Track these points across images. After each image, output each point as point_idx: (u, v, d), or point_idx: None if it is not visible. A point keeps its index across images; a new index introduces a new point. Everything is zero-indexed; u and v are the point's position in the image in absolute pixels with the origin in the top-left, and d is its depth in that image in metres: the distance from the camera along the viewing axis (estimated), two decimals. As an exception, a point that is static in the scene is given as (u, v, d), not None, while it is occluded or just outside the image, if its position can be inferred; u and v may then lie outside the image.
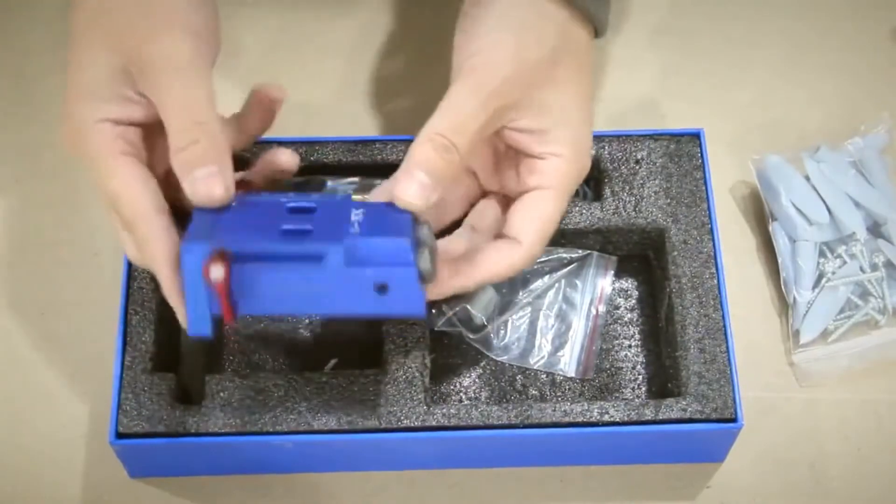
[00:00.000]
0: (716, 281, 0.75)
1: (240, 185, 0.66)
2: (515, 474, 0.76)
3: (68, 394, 0.78)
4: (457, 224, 0.72)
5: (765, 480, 0.77)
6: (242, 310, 0.63)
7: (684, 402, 0.71)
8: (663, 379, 0.77)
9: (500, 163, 0.72)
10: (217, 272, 0.61)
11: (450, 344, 0.78)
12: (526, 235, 0.69)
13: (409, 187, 0.64)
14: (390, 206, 0.65)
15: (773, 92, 0.89)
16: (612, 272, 0.80)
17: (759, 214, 0.84)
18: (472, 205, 0.73)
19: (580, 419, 0.71)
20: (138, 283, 0.74)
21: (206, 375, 0.72)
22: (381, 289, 0.62)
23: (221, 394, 0.71)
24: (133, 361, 0.72)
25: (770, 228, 0.82)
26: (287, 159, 0.70)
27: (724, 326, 0.74)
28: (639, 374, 0.78)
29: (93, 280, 0.81)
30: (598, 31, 0.71)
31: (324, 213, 0.64)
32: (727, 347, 0.73)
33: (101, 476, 0.76)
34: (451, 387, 0.78)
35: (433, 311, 0.77)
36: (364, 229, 0.63)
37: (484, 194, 0.73)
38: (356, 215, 0.64)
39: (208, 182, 0.62)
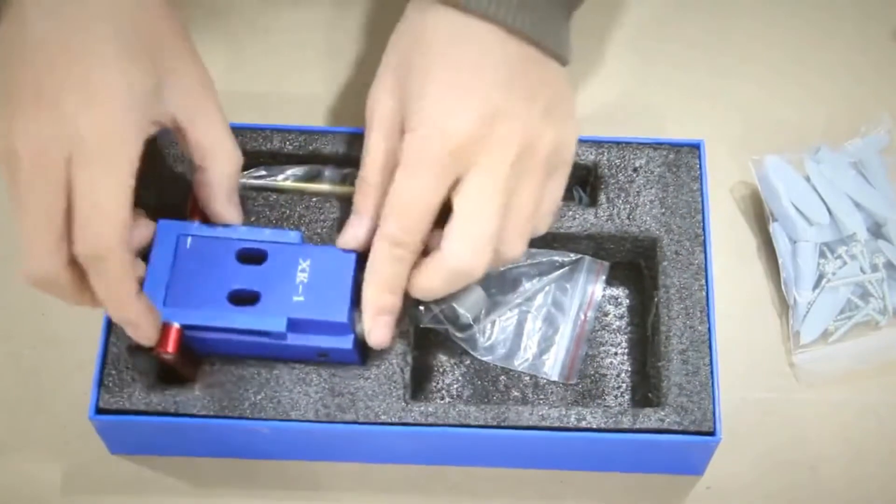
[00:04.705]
0: (704, 293, 0.75)
1: (195, 210, 0.72)
2: (515, 476, 0.76)
3: (68, 393, 0.77)
4: None
5: (765, 481, 0.77)
6: (199, 352, 0.72)
7: (662, 413, 0.71)
8: (646, 388, 0.77)
9: None
10: (167, 356, 0.69)
11: (435, 341, 0.78)
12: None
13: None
14: (335, 252, 0.71)
15: (773, 92, 0.89)
16: (604, 277, 0.80)
17: (760, 215, 0.84)
18: None
19: (556, 424, 0.71)
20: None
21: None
22: (322, 354, 0.71)
23: (203, 378, 0.72)
24: (118, 339, 0.73)
25: (770, 229, 0.82)
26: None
27: (710, 339, 0.73)
28: (622, 382, 0.78)
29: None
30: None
31: (273, 264, 0.70)
32: (710, 360, 0.73)
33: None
34: (434, 384, 0.78)
35: (421, 308, 0.77)
36: (308, 293, 0.70)
37: None
38: (302, 271, 0.70)
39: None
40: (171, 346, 0.68)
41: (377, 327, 0.69)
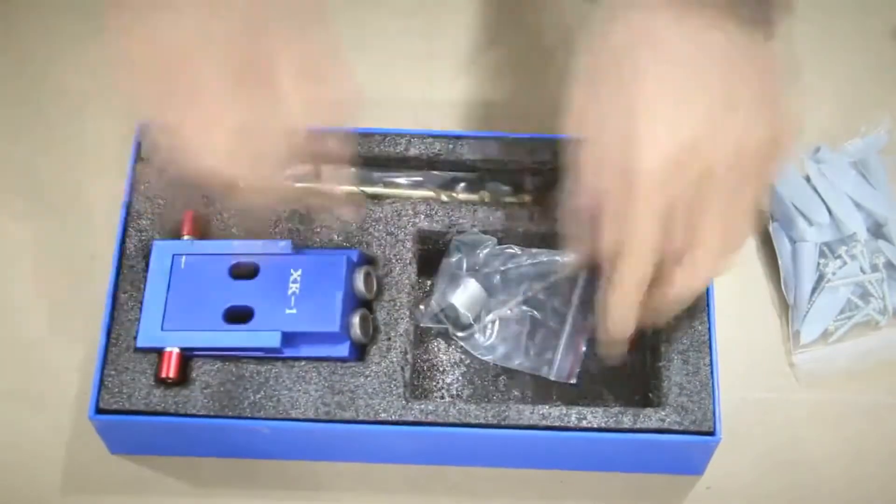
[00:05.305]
0: (704, 293, 0.75)
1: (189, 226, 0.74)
2: (515, 476, 0.76)
3: (68, 393, 0.78)
4: None
5: (765, 481, 0.77)
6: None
7: (663, 413, 0.71)
8: (647, 388, 0.77)
9: None
10: (169, 381, 0.71)
11: (436, 340, 0.79)
12: None
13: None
14: (326, 258, 0.72)
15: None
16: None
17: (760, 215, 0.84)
18: None
19: (557, 423, 0.71)
20: (130, 262, 0.75)
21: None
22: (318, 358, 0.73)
23: (203, 377, 0.72)
24: (118, 339, 0.73)
25: (770, 229, 0.82)
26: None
27: (710, 340, 0.73)
28: (623, 383, 0.78)
29: (91, 281, 0.80)
30: None
31: (265, 278, 0.72)
32: (710, 360, 0.73)
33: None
34: (434, 383, 0.78)
35: (421, 307, 0.77)
36: (300, 304, 0.71)
37: None
38: (294, 282, 0.72)
39: None
40: (172, 372, 0.71)
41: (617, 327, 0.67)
